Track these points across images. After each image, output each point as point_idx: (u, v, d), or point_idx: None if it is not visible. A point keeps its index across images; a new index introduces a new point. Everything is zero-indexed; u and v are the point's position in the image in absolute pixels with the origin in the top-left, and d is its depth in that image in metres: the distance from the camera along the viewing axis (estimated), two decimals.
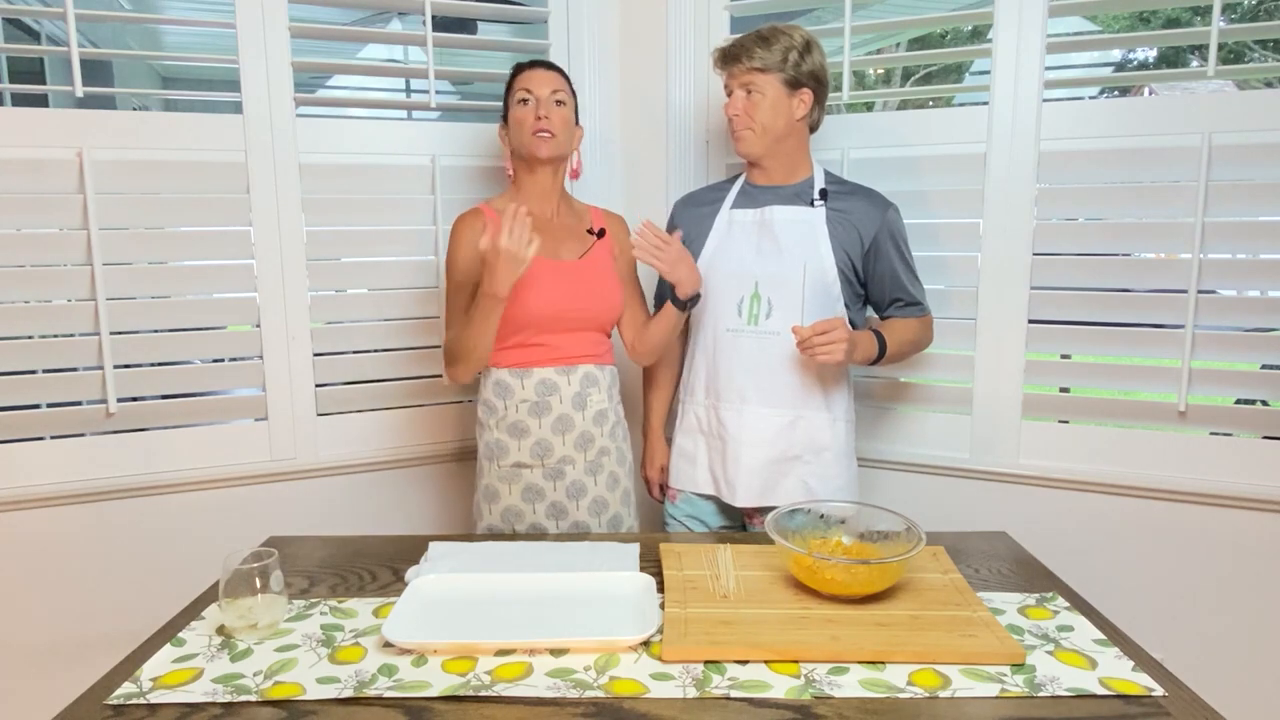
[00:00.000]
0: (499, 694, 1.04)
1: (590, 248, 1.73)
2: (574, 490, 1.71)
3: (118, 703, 1.03)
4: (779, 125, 1.67)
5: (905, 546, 1.29)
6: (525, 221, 1.48)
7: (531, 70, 1.70)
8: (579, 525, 1.72)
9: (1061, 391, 2.79)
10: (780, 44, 1.64)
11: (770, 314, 1.68)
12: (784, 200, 1.72)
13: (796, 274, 1.67)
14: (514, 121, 1.69)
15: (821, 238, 1.68)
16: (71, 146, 1.75)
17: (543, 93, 1.67)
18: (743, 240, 1.73)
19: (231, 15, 1.83)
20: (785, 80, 1.64)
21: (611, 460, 1.75)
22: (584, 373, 1.70)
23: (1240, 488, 1.74)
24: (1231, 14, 7.72)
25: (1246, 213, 1.73)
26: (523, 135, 1.67)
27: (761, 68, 1.63)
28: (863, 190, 1.73)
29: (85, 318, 1.80)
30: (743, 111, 1.67)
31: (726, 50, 1.68)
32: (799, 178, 1.74)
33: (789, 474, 1.71)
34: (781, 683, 1.06)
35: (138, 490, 1.87)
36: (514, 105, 1.69)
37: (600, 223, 1.79)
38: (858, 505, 1.52)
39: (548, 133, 1.65)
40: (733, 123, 1.70)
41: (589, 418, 1.71)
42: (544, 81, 1.68)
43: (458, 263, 1.69)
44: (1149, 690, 1.04)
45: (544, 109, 1.66)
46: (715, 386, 1.75)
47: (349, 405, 2.05)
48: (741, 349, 1.71)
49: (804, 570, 1.27)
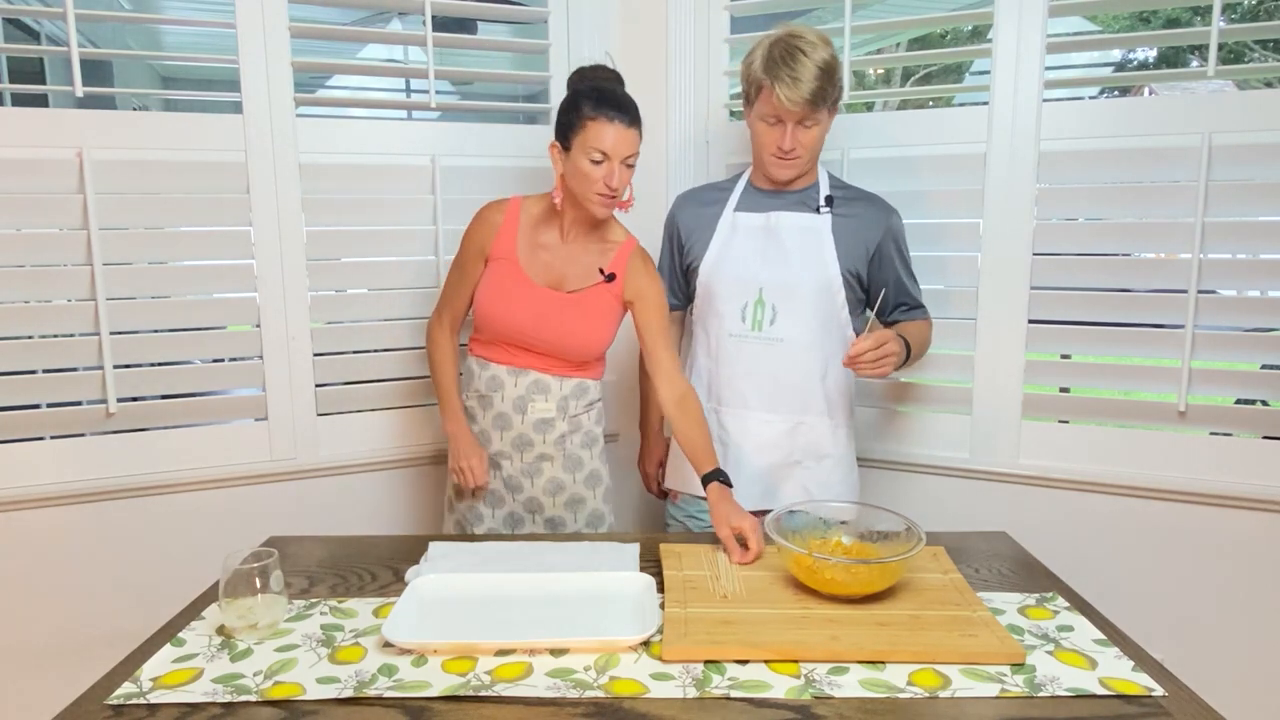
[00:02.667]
0: (499, 694, 1.04)
1: (587, 287, 1.66)
2: (510, 484, 1.72)
3: (118, 703, 1.03)
4: (820, 148, 1.69)
5: (905, 546, 1.29)
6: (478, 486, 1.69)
7: (613, 125, 1.51)
8: (514, 516, 1.74)
9: (1061, 391, 2.79)
10: (837, 75, 1.61)
11: (775, 320, 1.68)
12: (790, 206, 1.71)
13: (802, 281, 1.67)
14: (578, 171, 1.54)
15: (827, 245, 1.68)
16: (71, 146, 1.75)
17: (619, 157, 1.53)
18: (748, 245, 1.72)
19: (231, 15, 1.83)
20: (831, 103, 1.64)
21: (554, 466, 1.71)
22: (533, 379, 1.68)
23: (1240, 488, 1.74)
24: (1231, 14, 7.72)
25: (1246, 213, 1.73)
26: (586, 191, 1.55)
27: (824, 104, 1.61)
28: (866, 196, 1.74)
29: (85, 318, 1.80)
30: (798, 144, 1.63)
31: (810, 99, 1.56)
32: (806, 183, 1.73)
33: (789, 479, 1.72)
34: (781, 683, 1.06)
35: (138, 490, 1.86)
36: (581, 152, 1.53)
37: (620, 265, 1.66)
38: (858, 505, 1.52)
39: (613, 198, 1.56)
40: (787, 155, 1.64)
41: (528, 423, 1.68)
42: (624, 145, 1.53)
43: (465, 244, 1.71)
44: (1149, 690, 1.04)
45: (617, 177, 1.53)
46: (717, 391, 1.75)
47: (349, 405, 2.05)
48: (745, 355, 1.71)
49: (804, 570, 1.27)
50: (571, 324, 1.65)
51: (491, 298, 1.65)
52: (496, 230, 1.67)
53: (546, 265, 1.67)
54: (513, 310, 1.64)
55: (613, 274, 1.66)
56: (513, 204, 1.69)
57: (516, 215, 1.68)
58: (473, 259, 1.69)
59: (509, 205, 1.69)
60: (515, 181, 2.03)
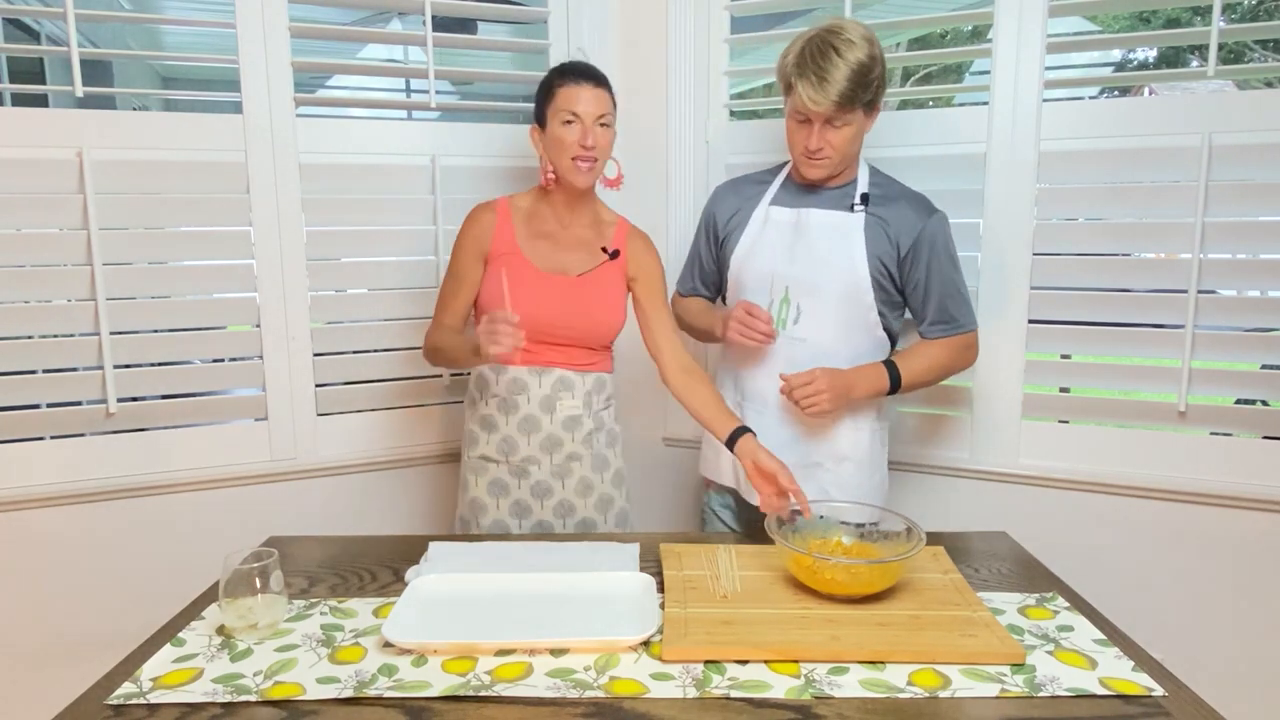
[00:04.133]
0: (499, 694, 1.04)
1: (595, 267, 1.67)
2: (539, 490, 1.69)
3: (118, 703, 1.03)
4: (856, 149, 1.62)
5: (905, 546, 1.29)
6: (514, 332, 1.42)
7: (579, 87, 1.57)
8: (543, 524, 1.70)
9: (1061, 391, 2.79)
10: (874, 74, 1.53)
11: (799, 319, 1.65)
12: (824, 204, 1.66)
13: (828, 281, 1.63)
14: (554, 139, 1.58)
15: (857, 245, 1.62)
16: (71, 146, 1.75)
17: (589, 116, 1.56)
18: (777, 241, 1.68)
19: (231, 15, 1.83)
20: (865, 105, 1.56)
21: (584, 466, 1.70)
22: (558, 376, 1.66)
23: (1240, 488, 1.74)
24: (1231, 14, 7.71)
25: (1246, 213, 1.73)
26: (563, 159, 1.58)
27: (854, 105, 1.53)
28: (909, 195, 1.67)
29: (85, 318, 1.80)
30: (827, 144, 1.57)
31: (837, 101, 1.51)
32: (845, 179, 1.68)
33: (809, 480, 1.65)
34: (781, 683, 1.06)
35: (138, 490, 1.87)
36: (555, 121, 1.57)
37: (620, 242, 1.70)
38: (857, 505, 1.52)
39: (590, 161, 1.58)
40: (814, 155, 1.59)
41: (557, 421, 1.67)
42: (592, 103, 1.56)
43: (458, 253, 1.68)
44: (1149, 690, 1.04)
45: (590, 136, 1.55)
46: (742, 386, 1.74)
47: (349, 405, 2.05)
48: (768, 353, 1.68)
49: (804, 570, 1.27)
50: (588, 305, 1.65)
51: (502, 294, 1.63)
52: (492, 228, 1.66)
53: (549, 253, 1.66)
54: (534, 302, 1.60)
55: (616, 250, 1.68)
56: (500, 202, 1.70)
57: (508, 211, 1.68)
58: (470, 263, 1.67)
59: (498, 203, 1.69)
60: (515, 182, 2.03)
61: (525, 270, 1.64)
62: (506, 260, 1.65)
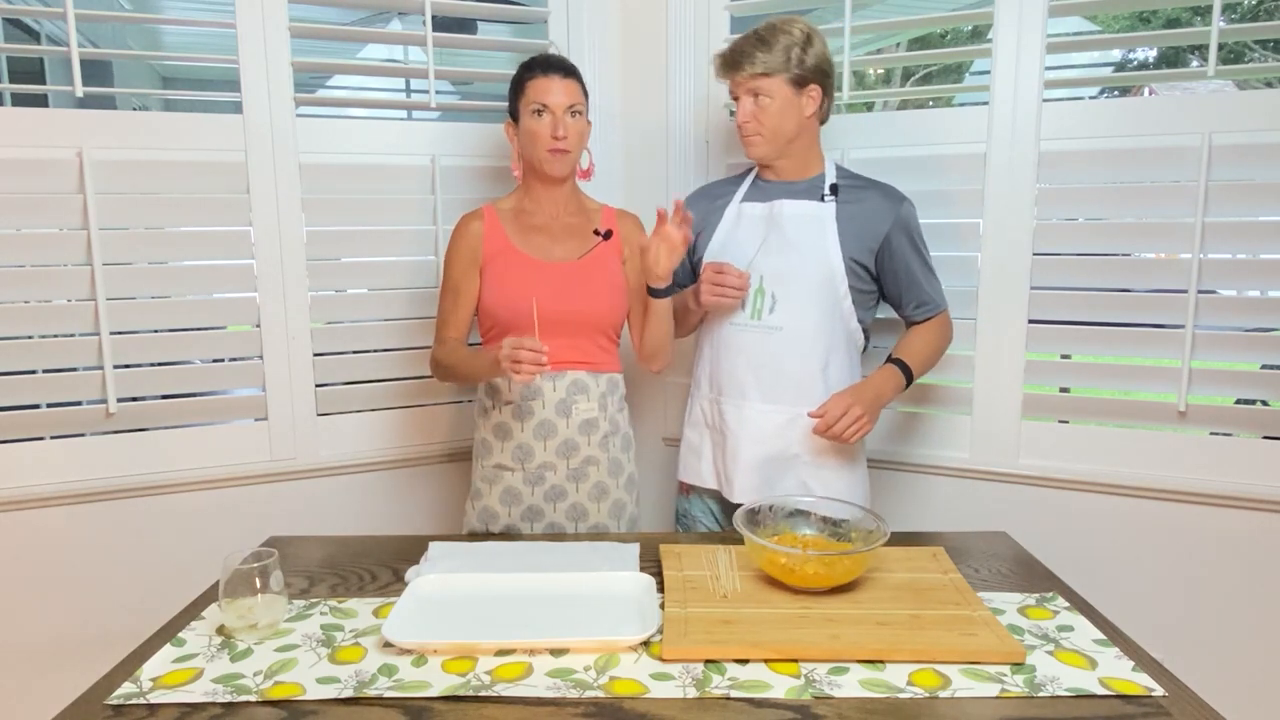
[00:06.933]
0: (499, 694, 1.04)
1: (591, 248, 1.69)
2: (553, 494, 1.68)
3: (118, 703, 1.03)
4: (789, 127, 1.65)
5: (865, 532, 1.34)
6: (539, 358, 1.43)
7: (547, 78, 1.60)
8: (554, 526, 1.70)
9: (1061, 391, 2.78)
10: (780, 43, 1.60)
11: (774, 309, 1.67)
12: (794, 195, 1.70)
13: (802, 270, 1.66)
14: (526, 132, 1.62)
15: (830, 234, 1.66)
16: (71, 146, 1.75)
17: (559, 107, 1.59)
18: (750, 233, 1.71)
19: (231, 15, 1.83)
20: (791, 80, 1.61)
21: (600, 470, 1.70)
22: (572, 379, 1.66)
23: (1240, 488, 1.74)
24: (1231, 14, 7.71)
25: (1246, 213, 1.73)
26: (536, 150, 1.61)
27: (765, 72, 1.60)
28: (877, 185, 1.71)
29: (85, 318, 1.80)
30: (752, 118, 1.64)
31: (727, 57, 1.64)
32: (811, 173, 1.72)
33: (788, 473, 1.70)
34: (781, 683, 1.06)
35: (138, 490, 1.86)
36: (526, 113, 1.61)
37: (611, 223, 1.73)
38: (813, 499, 1.52)
39: (563, 151, 1.60)
40: (742, 129, 1.67)
41: (573, 425, 1.66)
42: (561, 93, 1.59)
43: (451, 264, 1.69)
44: (1149, 690, 1.05)
45: (561, 126, 1.58)
46: (718, 381, 1.74)
47: (349, 405, 2.05)
48: (745, 343, 1.70)
49: (778, 568, 1.29)
50: (593, 287, 1.66)
51: (506, 291, 1.63)
52: (482, 234, 1.67)
53: (543, 244, 1.67)
54: (533, 292, 1.60)
55: (609, 230, 1.71)
56: (484, 208, 1.71)
57: (494, 214, 1.69)
58: (466, 272, 1.67)
59: (482, 210, 1.71)
60: (515, 182, 2.03)
61: (524, 263, 1.64)
62: (503, 259, 1.65)
